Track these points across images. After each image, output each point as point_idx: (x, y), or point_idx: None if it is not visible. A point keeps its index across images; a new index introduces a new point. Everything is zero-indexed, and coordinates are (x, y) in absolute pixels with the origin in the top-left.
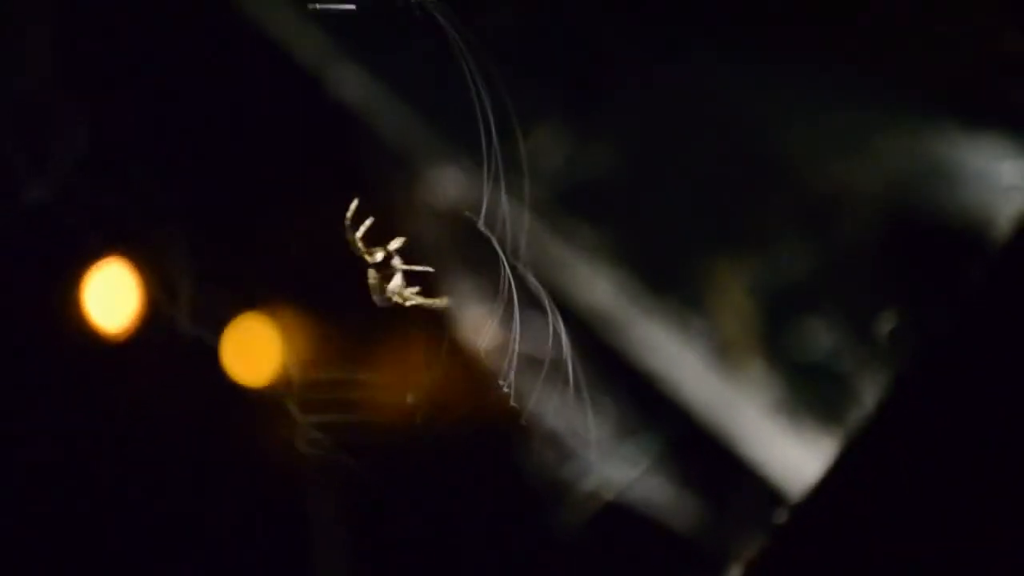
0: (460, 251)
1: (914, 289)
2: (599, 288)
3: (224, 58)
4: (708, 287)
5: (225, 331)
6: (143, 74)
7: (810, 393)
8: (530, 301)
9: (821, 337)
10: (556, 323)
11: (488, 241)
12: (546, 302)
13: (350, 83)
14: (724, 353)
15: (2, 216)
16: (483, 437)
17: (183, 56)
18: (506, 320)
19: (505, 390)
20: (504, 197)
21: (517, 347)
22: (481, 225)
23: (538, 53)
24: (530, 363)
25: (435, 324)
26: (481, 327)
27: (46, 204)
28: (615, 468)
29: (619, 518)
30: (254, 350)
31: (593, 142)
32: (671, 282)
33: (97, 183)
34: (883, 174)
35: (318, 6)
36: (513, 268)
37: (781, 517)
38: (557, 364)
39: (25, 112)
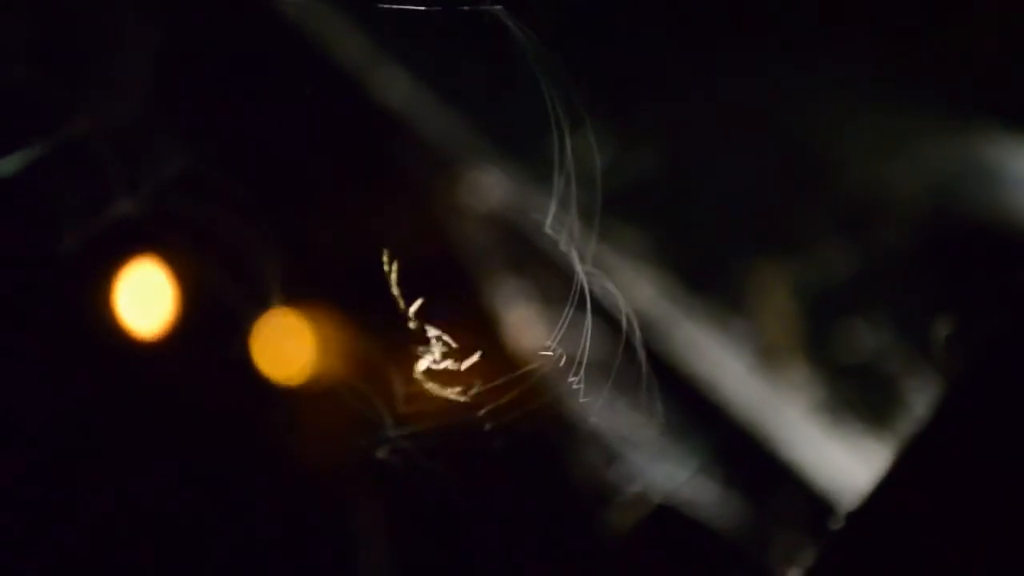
0: (508, 253)
1: (960, 292)
2: (643, 291)
3: (267, 61)
4: (752, 290)
5: (289, 337)
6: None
7: (854, 396)
8: (582, 304)
9: (865, 340)
10: (630, 327)
11: (539, 243)
12: (621, 305)
13: (394, 85)
14: (768, 356)
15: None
16: (533, 440)
17: (228, 57)
18: (567, 323)
19: (560, 392)
20: (574, 199)
21: (584, 351)
22: (548, 228)
23: (580, 56)
24: (585, 365)
25: (490, 326)
26: (533, 329)
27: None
28: (662, 471)
29: (666, 521)
30: (317, 355)
31: (637, 145)
32: (715, 285)
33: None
34: (927, 176)
35: (385, 5)
36: (581, 271)
37: (837, 524)
38: (610, 366)
39: (123, 129)
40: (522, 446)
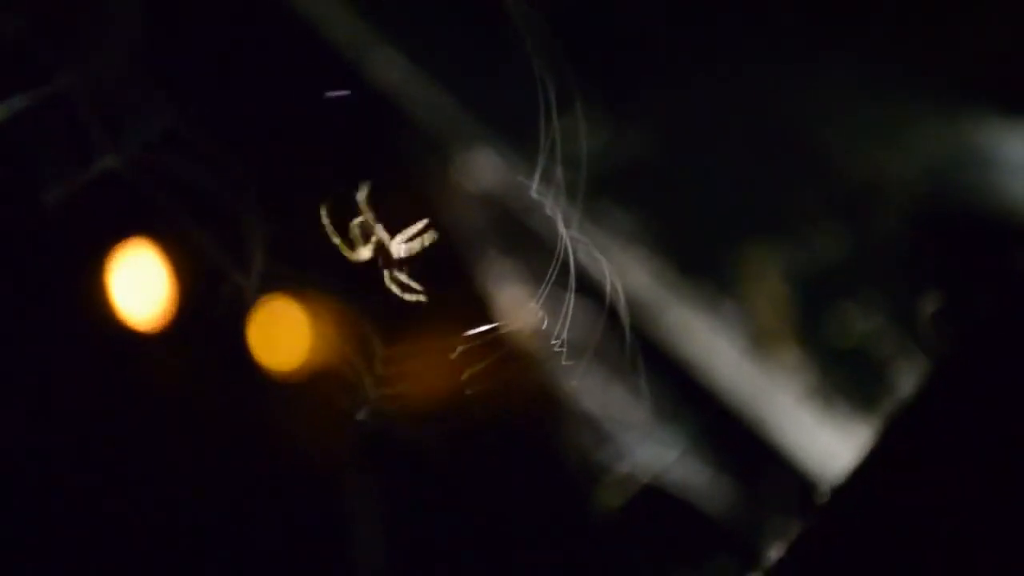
0: (499, 233)
1: (952, 276)
2: (634, 274)
3: (258, 39)
4: (743, 274)
5: (273, 311)
6: (193, 57)
7: (844, 380)
8: (566, 276)
9: (856, 324)
10: (615, 300)
11: (530, 223)
12: (607, 277)
13: (385, 65)
14: (759, 339)
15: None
16: (522, 418)
17: (223, 37)
18: (555, 300)
19: (548, 371)
20: (559, 171)
21: (567, 324)
22: (534, 192)
23: (574, 38)
24: (573, 344)
25: (479, 305)
26: (523, 307)
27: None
28: (651, 452)
29: (654, 501)
30: (301, 329)
31: (629, 128)
32: (706, 268)
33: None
34: (919, 161)
35: None
36: (569, 241)
37: (822, 499)
38: (599, 346)
39: (104, 86)
40: (510, 426)
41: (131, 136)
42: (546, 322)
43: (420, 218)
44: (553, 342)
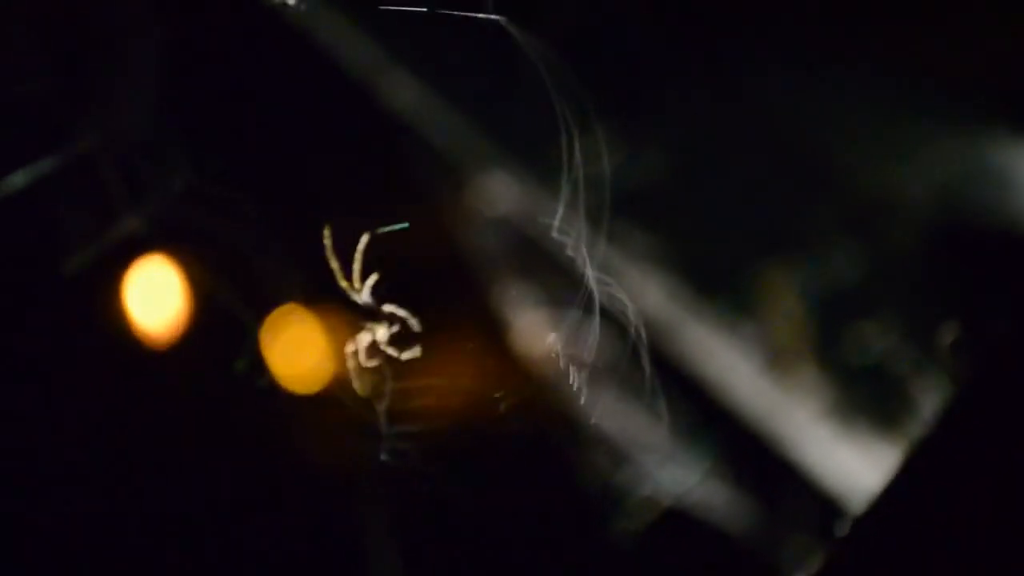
0: (516, 257)
1: (970, 295)
2: (652, 294)
3: (273, 70)
4: (760, 292)
5: (285, 339)
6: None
7: (863, 399)
8: (589, 307)
9: (874, 343)
10: (637, 329)
11: (547, 246)
12: (628, 308)
13: (401, 90)
14: (777, 358)
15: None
16: (541, 443)
17: (236, 61)
18: (573, 323)
19: (567, 395)
20: (582, 203)
21: (589, 353)
22: (556, 232)
23: (586, 60)
24: (592, 368)
25: (496, 330)
26: (541, 331)
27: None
28: (672, 475)
29: (675, 525)
30: (315, 357)
31: (645, 148)
32: (724, 288)
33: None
34: (936, 179)
35: (388, 7)
36: (590, 275)
37: (843, 530)
38: (617, 370)
39: (125, 146)
40: (529, 450)
41: (154, 194)
42: (564, 346)
43: (435, 243)
44: (572, 366)
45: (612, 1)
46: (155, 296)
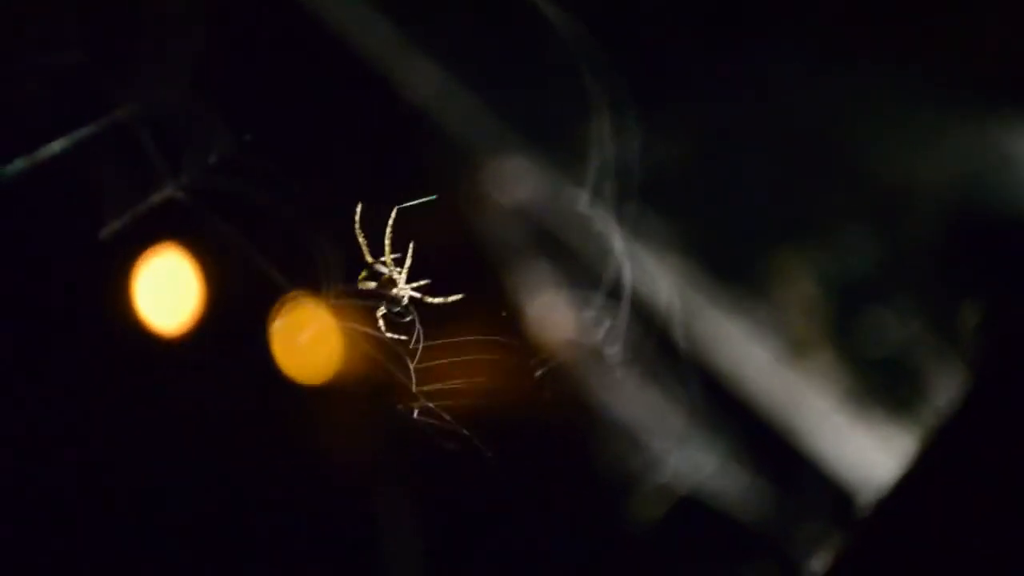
0: (538, 243)
1: (987, 283)
2: (671, 281)
3: (293, 56)
4: (777, 280)
5: (304, 317)
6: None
7: (880, 387)
8: (613, 292)
9: (890, 331)
10: (658, 315)
11: (569, 232)
12: (649, 295)
13: (422, 74)
14: (794, 346)
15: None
16: (559, 428)
17: (257, 53)
18: (594, 309)
19: (587, 380)
20: (610, 184)
21: (610, 339)
22: (581, 216)
23: (605, 47)
24: (612, 354)
25: (516, 315)
26: (561, 316)
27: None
28: (689, 462)
29: (692, 511)
30: (335, 335)
31: (664, 134)
32: (741, 275)
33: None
34: (954, 166)
35: None
36: (613, 261)
37: (863, 514)
38: (637, 356)
39: (164, 116)
40: (548, 435)
41: (191, 164)
42: (585, 331)
43: (456, 230)
44: (591, 351)
45: None
46: (185, 278)
